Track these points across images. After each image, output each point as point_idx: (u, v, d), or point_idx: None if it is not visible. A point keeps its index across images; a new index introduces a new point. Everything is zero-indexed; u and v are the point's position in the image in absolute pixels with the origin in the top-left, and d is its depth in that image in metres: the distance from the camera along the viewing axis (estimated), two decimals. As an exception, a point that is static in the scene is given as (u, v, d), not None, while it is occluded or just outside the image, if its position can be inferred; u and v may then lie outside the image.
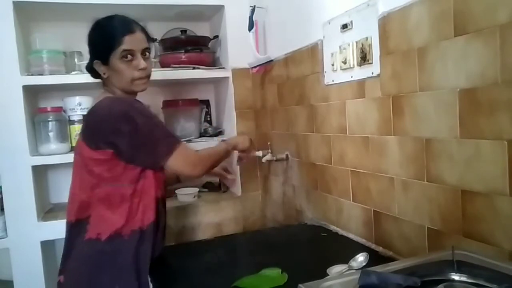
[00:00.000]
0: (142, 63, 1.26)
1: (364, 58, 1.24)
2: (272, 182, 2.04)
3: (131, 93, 1.31)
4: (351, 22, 1.30)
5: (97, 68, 1.29)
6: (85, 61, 1.96)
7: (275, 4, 1.85)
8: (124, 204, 1.22)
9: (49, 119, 1.88)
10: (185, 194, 2.14)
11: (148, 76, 1.31)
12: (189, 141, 2.15)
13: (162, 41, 2.18)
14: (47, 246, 1.89)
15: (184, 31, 2.22)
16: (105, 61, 1.26)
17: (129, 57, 1.25)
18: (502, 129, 0.84)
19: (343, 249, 1.30)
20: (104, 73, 1.29)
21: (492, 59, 0.85)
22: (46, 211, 2.00)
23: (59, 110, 1.93)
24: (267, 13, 1.90)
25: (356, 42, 1.27)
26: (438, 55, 0.98)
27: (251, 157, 1.71)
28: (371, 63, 1.22)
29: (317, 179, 1.60)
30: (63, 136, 1.91)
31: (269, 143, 1.91)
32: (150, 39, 1.34)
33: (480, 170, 0.90)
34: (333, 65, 1.40)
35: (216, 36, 2.23)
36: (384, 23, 1.16)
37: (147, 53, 1.30)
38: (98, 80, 1.35)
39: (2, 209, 1.77)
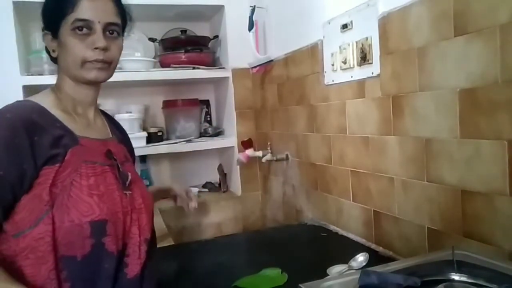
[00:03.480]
0: (101, 40, 0.89)
1: (364, 58, 1.24)
2: (272, 182, 2.04)
3: (82, 82, 0.94)
4: (351, 22, 1.30)
5: (46, 43, 0.96)
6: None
7: (275, 4, 1.85)
8: None
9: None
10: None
11: (110, 62, 0.94)
12: (189, 141, 2.15)
13: (162, 41, 2.18)
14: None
15: (184, 31, 2.22)
16: (55, 33, 0.92)
17: (85, 30, 0.89)
18: (502, 129, 0.84)
19: (343, 249, 1.30)
20: (53, 50, 0.95)
21: (492, 59, 0.85)
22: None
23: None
24: (267, 13, 1.90)
25: (356, 42, 1.27)
26: (438, 55, 0.98)
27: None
28: (371, 63, 1.22)
29: (317, 179, 1.60)
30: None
31: (269, 143, 1.91)
32: (124, 15, 0.98)
33: (480, 170, 0.90)
34: (333, 65, 1.40)
35: (216, 36, 2.23)
36: (384, 23, 1.16)
37: (114, 32, 0.93)
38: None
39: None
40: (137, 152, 2.05)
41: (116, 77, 1.85)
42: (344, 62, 1.33)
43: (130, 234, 0.92)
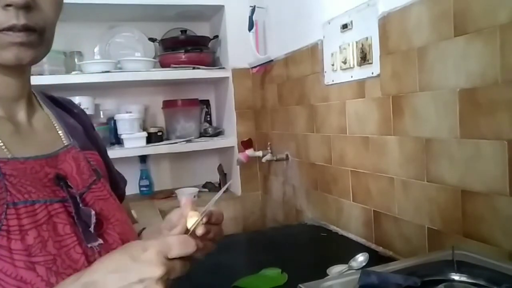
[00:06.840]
0: None
1: (364, 58, 1.24)
2: (272, 182, 2.04)
3: None
4: (351, 22, 1.30)
5: None
6: (86, 61, 1.99)
7: (275, 4, 1.85)
8: None
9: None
10: (185, 194, 2.14)
11: (40, 29, 0.57)
12: (189, 141, 2.15)
13: (162, 41, 2.18)
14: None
15: (184, 31, 2.22)
16: None
17: None
18: (502, 129, 0.84)
19: (343, 249, 1.30)
20: None
21: (492, 59, 0.85)
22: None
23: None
24: (267, 13, 1.90)
25: (356, 42, 1.27)
26: (438, 55, 0.98)
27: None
28: (371, 63, 1.22)
29: (317, 179, 1.60)
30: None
31: (269, 143, 1.91)
32: None
33: (480, 170, 0.90)
34: (333, 65, 1.40)
35: (216, 36, 2.23)
36: (384, 23, 1.16)
37: None
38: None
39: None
40: (137, 152, 2.08)
41: (116, 77, 1.88)
42: (344, 62, 1.33)
43: None
